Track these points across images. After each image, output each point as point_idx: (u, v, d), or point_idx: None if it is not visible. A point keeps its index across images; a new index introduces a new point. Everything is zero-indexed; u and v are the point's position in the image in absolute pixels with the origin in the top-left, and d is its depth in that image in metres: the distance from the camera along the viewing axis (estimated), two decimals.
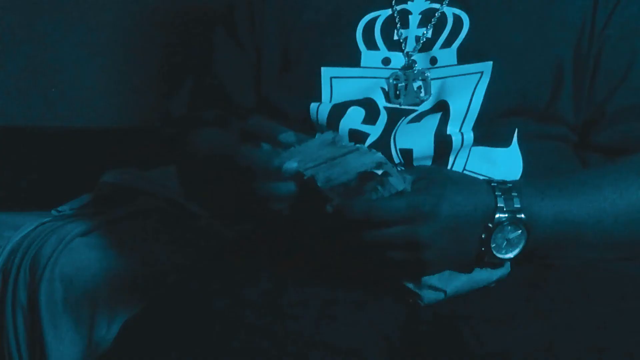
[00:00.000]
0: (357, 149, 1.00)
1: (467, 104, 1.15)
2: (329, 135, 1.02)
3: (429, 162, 1.14)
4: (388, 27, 1.23)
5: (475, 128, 1.14)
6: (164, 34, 2.32)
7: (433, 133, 1.14)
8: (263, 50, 1.29)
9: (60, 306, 1.70)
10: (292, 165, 0.98)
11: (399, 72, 1.20)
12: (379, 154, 1.00)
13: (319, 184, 0.99)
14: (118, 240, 1.80)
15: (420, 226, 0.98)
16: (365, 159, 0.99)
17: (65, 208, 1.97)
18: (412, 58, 1.20)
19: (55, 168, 2.25)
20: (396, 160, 1.14)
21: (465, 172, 1.13)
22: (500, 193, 1.01)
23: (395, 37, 1.22)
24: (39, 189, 2.23)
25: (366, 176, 0.98)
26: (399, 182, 0.99)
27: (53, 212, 1.95)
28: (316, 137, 1.02)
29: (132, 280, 1.68)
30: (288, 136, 1.02)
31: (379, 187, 0.98)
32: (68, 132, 2.32)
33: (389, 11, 1.24)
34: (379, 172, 0.97)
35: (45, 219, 1.89)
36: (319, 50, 1.24)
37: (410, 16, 1.23)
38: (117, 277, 1.69)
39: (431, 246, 0.99)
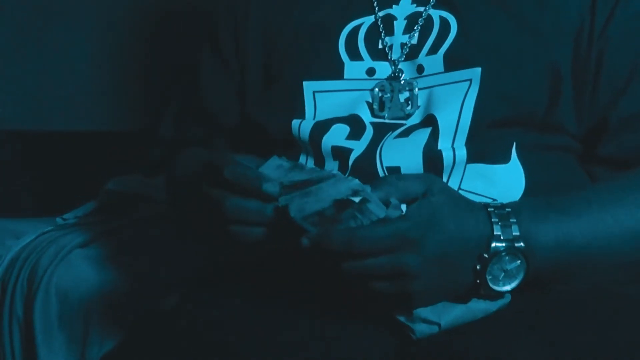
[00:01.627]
0: (334, 175, 0.89)
1: (457, 117, 1.03)
2: (278, 161, 0.93)
3: None
4: (372, 35, 1.11)
5: (468, 143, 1.02)
6: (170, 38, 2.25)
7: (422, 149, 1.02)
8: (246, 65, 1.20)
9: (55, 321, 1.62)
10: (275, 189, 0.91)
11: (385, 82, 1.08)
12: (356, 181, 0.88)
13: (291, 214, 0.87)
14: (116, 252, 1.71)
15: (406, 255, 0.86)
16: (341, 186, 0.88)
17: (70, 216, 1.89)
18: (398, 67, 1.08)
19: (63, 173, 2.20)
20: None
21: (460, 191, 1.01)
22: (497, 219, 0.89)
23: (380, 46, 1.11)
24: (47, 195, 2.18)
25: (342, 204, 0.86)
26: (379, 208, 0.87)
27: (58, 220, 1.88)
28: (269, 160, 0.93)
29: (127, 297, 1.60)
30: (272, 186, 0.90)
31: (358, 215, 0.87)
32: (75, 136, 2.26)
33: (373, 18, 1.12)
34: (356, 199, 0.86)
35: (47, 228, 1.82)
36: (301, 64, 1.13)
37: (395, 22, 1.11)
38: (112, 293, 1.61)
39: (419, 277, 0.87)
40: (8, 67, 2.27)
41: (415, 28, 1.09)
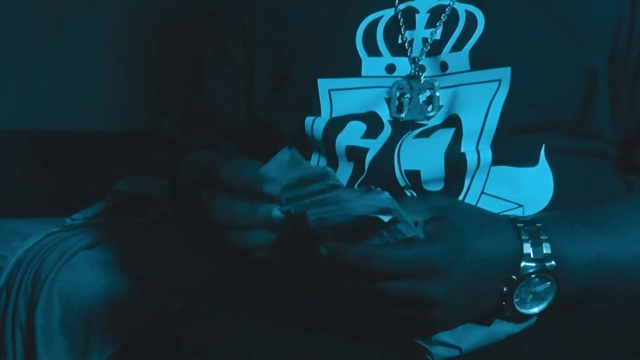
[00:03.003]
0: (327, 173, 0.79)
1: (483, 119, 0.93)
2: (285, 155, 0.82)
3: (440, 185, 0.93)
4: (392, 29, 1.02)
5: (493, 145, 0.93)
6: (178, 37, 2.22)
7: (444, 151, 0.93)
8: (254, 62, 1.12)
9: (57, 327, 1.56)
10: (278, 213, 0.81)
11: (403, 81, 0.99)
12: (386, 194, 0.77)
13: (310, 223, 0.78)
14: (121, 256, 1.65)
15: (432, 283, 0.77)
16: (369, 200, 0.76)
17: (78, 217, 1.84)
18: (419, 64, 0.99)
19: (72, 173, 2.18)
20: (402, 183, 0.94)
21: (484, 195, 0.92)
22: (527, 237, 0.79)
23: (400, 41, 1.01)
24: (55, 195, 2.15)
25: (368, 222, 0.76)
26: (408, 229, 0.77)
27: (67, 220, 1.82)
28: (273, 159, 0.82)
29: (130, 303, 1.53)
30: (273, 187, 0.81)
31: (385, 233, 0.77)
32: (83, 136, 2.25)
33: (393, 11, 1.03)
34: (386, 219, 0.75)
35: (55, 229, 1.76)
36: (315, 60, 1.04)
37: (417, 15, 1.02)
38: (115, 299, 1.54)
39: (444, 306, 0.78)
40: (18, 68, 2.25)
41: (438, 23, 1.00)
